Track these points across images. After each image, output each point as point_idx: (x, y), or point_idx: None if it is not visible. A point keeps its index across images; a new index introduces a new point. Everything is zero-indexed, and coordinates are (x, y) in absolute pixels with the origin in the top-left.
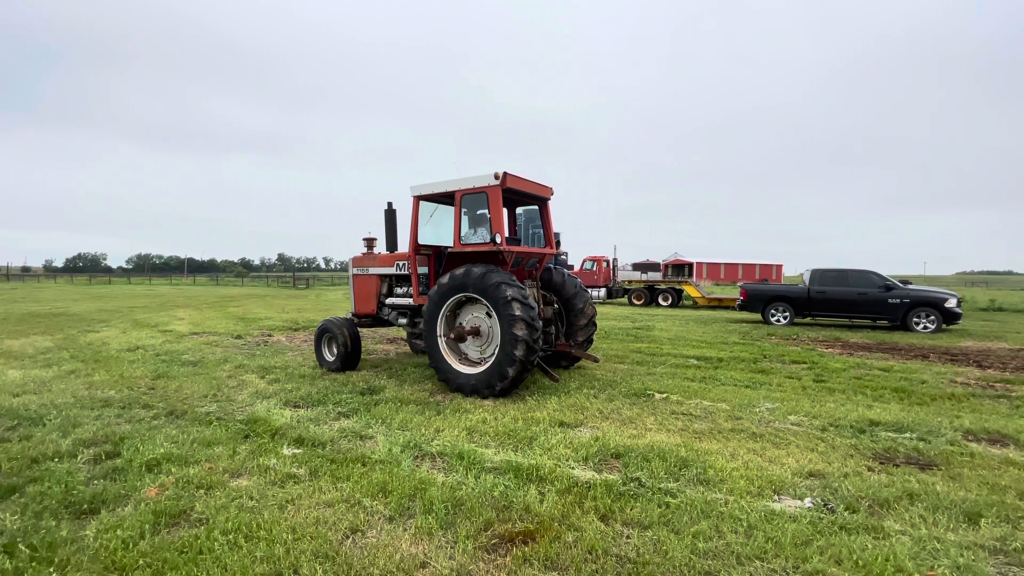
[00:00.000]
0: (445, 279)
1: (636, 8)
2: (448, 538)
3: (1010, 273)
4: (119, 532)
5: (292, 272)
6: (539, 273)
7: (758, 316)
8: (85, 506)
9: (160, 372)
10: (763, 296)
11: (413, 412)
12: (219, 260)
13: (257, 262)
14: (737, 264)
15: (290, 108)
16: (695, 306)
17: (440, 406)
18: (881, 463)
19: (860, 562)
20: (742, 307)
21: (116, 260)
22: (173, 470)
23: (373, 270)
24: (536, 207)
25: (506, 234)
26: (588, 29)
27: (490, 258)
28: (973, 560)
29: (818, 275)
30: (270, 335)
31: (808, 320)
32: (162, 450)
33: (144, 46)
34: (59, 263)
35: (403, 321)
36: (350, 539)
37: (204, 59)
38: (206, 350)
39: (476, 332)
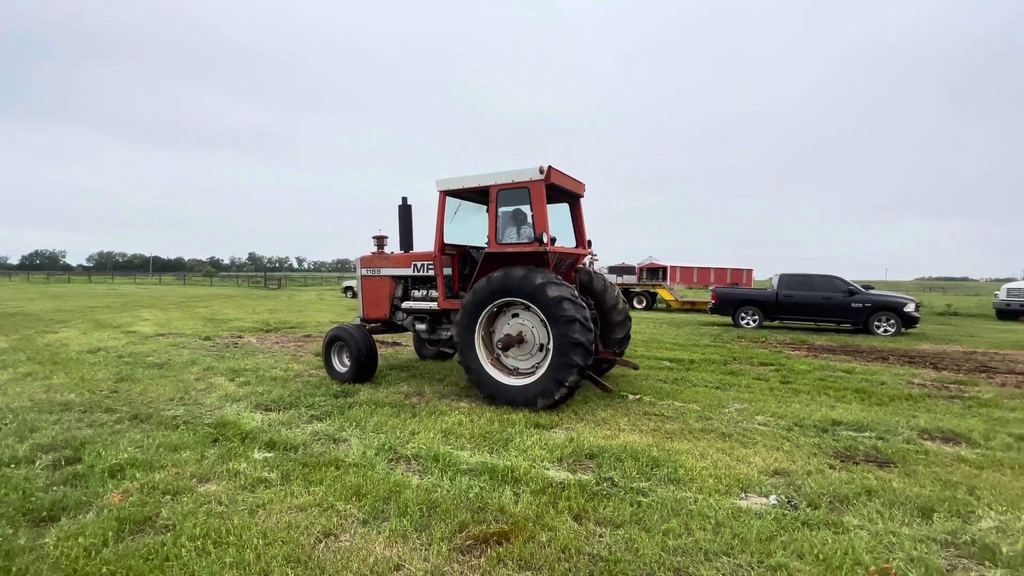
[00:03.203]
0: (483, 282)
1: (630, 17)
2: (423, 540)
3: (965, 279)
4: (81, 540)
5: (263, 272)
6: (575, 275)
7: (729, 319)
8: (44, 513)
9: (123, 374)
10: (734, 300)
11: (388, 415)
12: (186, 259)
13: (227, 261)
14: (709, 268)
15: (281, 106)
16: (668, 309)
17: (416, 408)
18: (842, 461)
19: (820, 556)
20: (714, 310)
21: (76, 258)
22: (138, 475)
23: (386, 271)
24: (567, 204)
25: (551, 233)
26: (584, 34)
27: (529, 259)
28: (926, 553)
29: (786, 280)
30: (240, 336)
31: (776, 323)
32: (126, 455)
33: (134, 41)
34: (14, 260)
35: (422, 327)
36: (323, 543)
37: (191, 53)
38: (172, 352)
39: (521, 339)
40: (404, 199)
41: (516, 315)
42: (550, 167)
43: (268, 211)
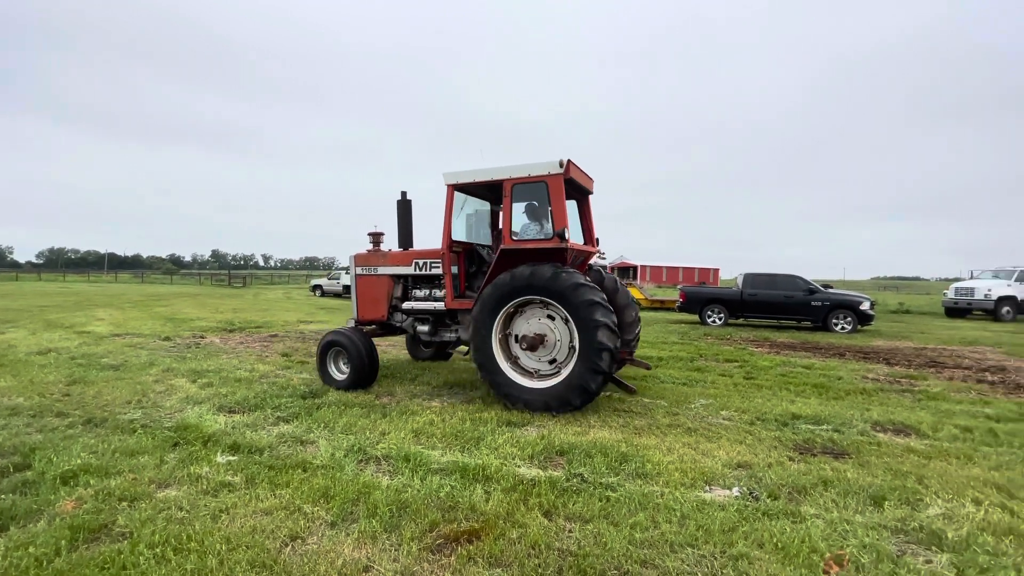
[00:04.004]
0: (505, 278)
1: (608, 25)
2: (392, 541)
3: (917, 279)
4: (31, 549)
5: (227, 270)
6: (586, 273)
7: (696, 317)
8: None
9: (76, 377)
10: (700, 298)
11: (358, 415)
12: (145, 256)
13: (188, 258)
14: (678, 268)
15: (247, 98)
16: (638, 307)
17: (386, 409)
18: (800, 453)
19: (779, 544)
20: (681, 308)
21: (24, 254)
22: (92, 482)
23: (383, 270)
24: (575, 200)
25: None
26: (565, 37)
27: (547, 256)
28: (877, 539)
29: (750, 279)
30: (202, 336)
31: (741, 321)
32: (79, 461)
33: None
34: None
35: (424, 328)
36: (289, 547)
37: (150, 39)
38: (129, 353)
39: (542, 340)
40: (403, 193)
41: (549, 315)
42: (569, 161)
43: (233, 206)
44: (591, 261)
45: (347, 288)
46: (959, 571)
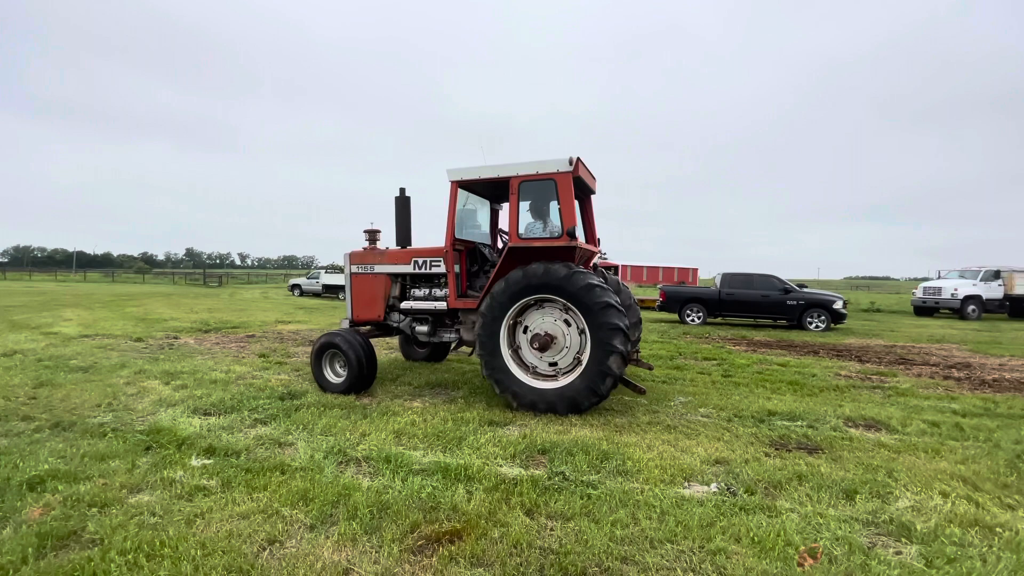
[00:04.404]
0: (518, 276)
1: (587, 27)
2: (373, 543)
3: (887, 278)
4: None
5: (202, 269)
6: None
7: (676, 316)
8: None
9: (43, 380)
10: (680, 298)
11: (337, 416)
12: (115, 254)
13: (161, 257)
14: (658, 267)
15: (223, 92)
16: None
17: (367, 409)
18: (776, 449)
19: (756, 539)
20: (661, 307)
21: None
22: (60, 488)
23: (380, 268)
24: (578, 199)
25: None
26: (544, 39)
27: (555, 255)
28: (849, 532)
29: (728, 279)
30: (176, 337)
31: (719, 320)
32: (46, 466)
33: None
34: None
35: (423, 328)
36: (267, 551)
37: (122, 28)
38: (99, 354)
39: (552, 340)
40: (402, 190)
41: (559, 315)
42: (578, 159)
43: (208, 203)
44: (593, 261)
45: (327, 288)
46: (928, 562)
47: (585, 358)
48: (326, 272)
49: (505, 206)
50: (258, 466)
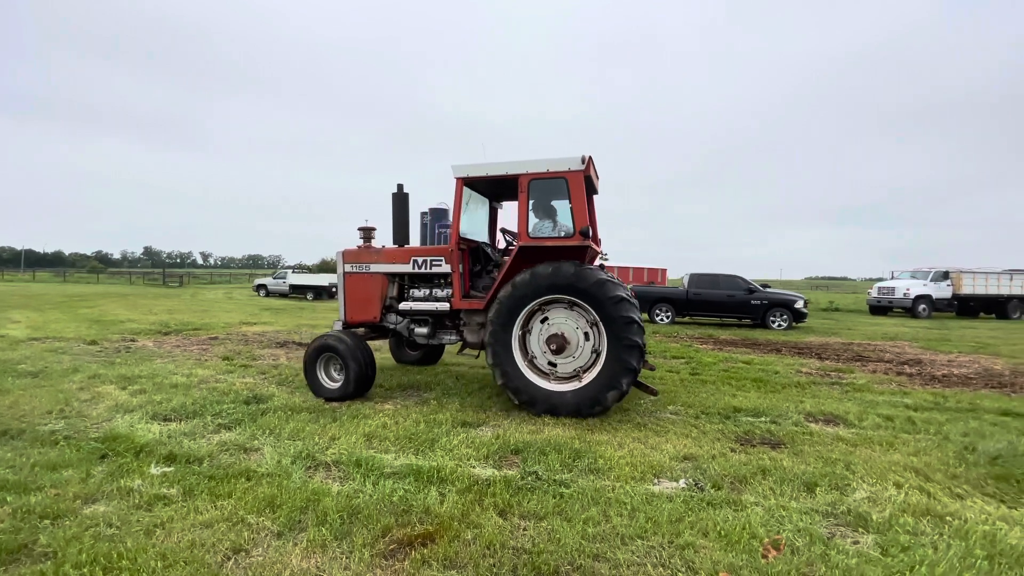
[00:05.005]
0: (526, 276)
1: (568, 30)
2: (343, 548)
3: (845, 279)
4: None
5: (162, 268)
6: None
7: (645, 316)
8: None
9: None
10: (649, 298)
11: (306, 420)
12: (67, 253)
13: (117, 256)
14: (628, 267)
15: (188, 86)
16: None
17: (336, 413)
18: (741, 444)
19: (722, 532)
20: None
21: None
22: (9, 499)
23: (377, 267)
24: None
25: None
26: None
27: (566, 255)
28: (810, 524)
29: (695, 279)
30: (134, 340)
31: (687, 319)
32: None
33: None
34: None
35: (422, 330)
36: (232, 560)
37: (80, 14)
38: (50, 358)
39: (565, 341)
40: (400, 187)
41: (571, 315)
42: (590, 157)
43: (169, 201)
44: (597, 261)
45: (294, 288)
46: (883, 550)
47: (602, 357)
48: (293, 272)
49: (505, 205)
50: (222, 473)
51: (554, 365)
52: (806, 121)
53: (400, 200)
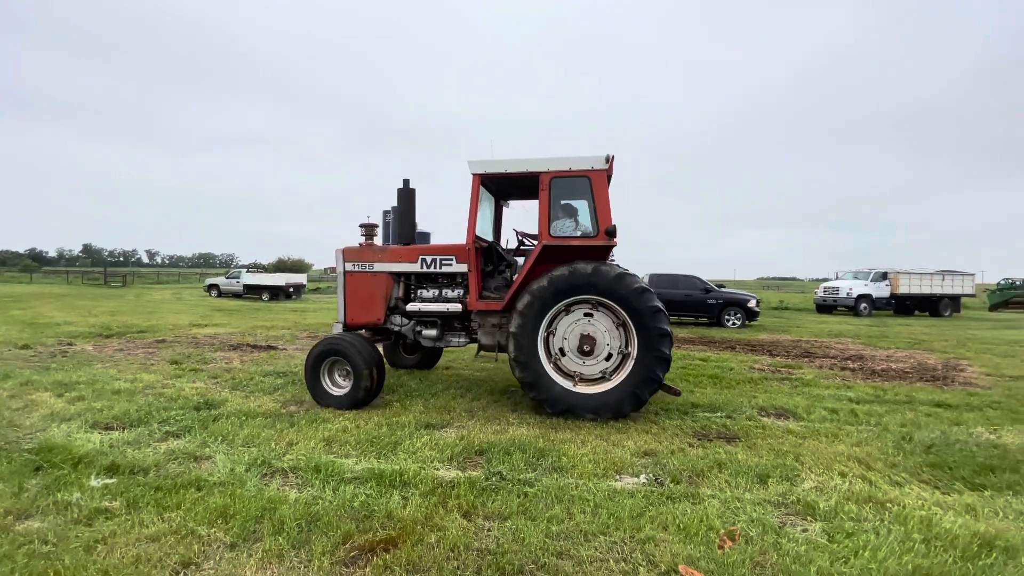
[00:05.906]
0: (559, 275)
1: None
2: (301, 557)
3: (794, 279)
4: None
5: (103, 267)
6: None
7: None
8: None
9: None
10: None
11: (261, 426)
12: None
13: (53, 254)
14: None
15: (134, 73)
16: None
17: (294, 418)
18: (699, 439)
19: (681, 525)
20: None
21: None
22: None
23: (381, 267)
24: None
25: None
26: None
27: (589, 254)
28: (763, 514)
29: (655, 279)
30: (71, 343)
31: None
32: None
33: None
34: None
35: (430, 332)
36: (181, 574)
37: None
38: None
39: (593, 343)
40: (406, 182)
41: (597, 317)
42: (613, 156)
43: (110, 196)
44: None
45: (249, 288)
46: (830, 537)
47: (631, 362)
48: (248, 271)
49: (512, 204)
50: (170, 483)
51: (578, 366)
52: (761, 132)
53: (406, 196)
